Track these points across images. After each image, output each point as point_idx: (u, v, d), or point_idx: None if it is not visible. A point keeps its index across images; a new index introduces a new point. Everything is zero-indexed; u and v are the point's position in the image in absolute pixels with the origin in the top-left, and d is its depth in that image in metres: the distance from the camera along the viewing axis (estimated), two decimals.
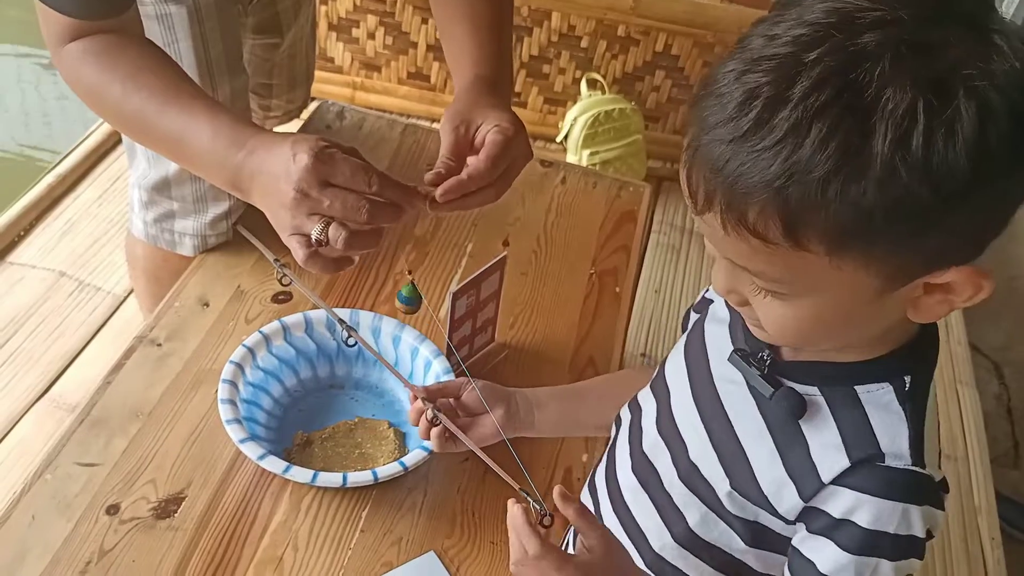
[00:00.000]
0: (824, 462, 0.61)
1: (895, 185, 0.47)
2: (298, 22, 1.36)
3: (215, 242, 1.20)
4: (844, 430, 0.61)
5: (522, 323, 1.19)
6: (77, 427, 0.98)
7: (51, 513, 0.90)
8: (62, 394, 1.68)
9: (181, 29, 1.05)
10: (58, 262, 1.92)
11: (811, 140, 0.48)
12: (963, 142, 0.47)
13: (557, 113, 2.44)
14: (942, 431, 1.66)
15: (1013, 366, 2.24)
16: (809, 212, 0.49)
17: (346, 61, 2.44)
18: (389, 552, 0.92)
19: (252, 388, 1.00)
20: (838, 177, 0.48)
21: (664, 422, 0.72)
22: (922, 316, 0.56)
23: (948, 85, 0.47)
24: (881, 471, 0.59)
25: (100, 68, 0.88)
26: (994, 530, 1.50)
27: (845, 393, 0.61)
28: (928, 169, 0.47)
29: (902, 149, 0.47)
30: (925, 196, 0.48)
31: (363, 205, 0.77)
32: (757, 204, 0.50)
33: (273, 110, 1.50)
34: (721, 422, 0.67)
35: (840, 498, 0.60)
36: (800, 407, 0.61)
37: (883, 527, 0.59)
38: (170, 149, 0.92)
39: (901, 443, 0.59)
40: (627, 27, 2.30)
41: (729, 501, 0.66)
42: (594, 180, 1.46)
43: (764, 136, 0.49)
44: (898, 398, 0.60)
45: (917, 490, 0.59)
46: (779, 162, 0.48)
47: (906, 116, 0.47)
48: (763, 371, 0.63)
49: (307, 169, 0.77)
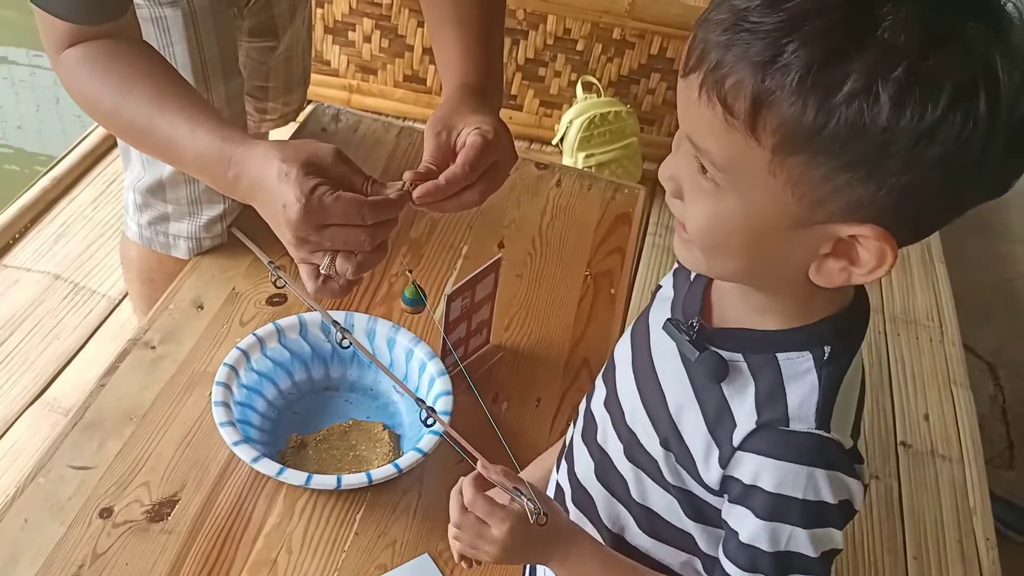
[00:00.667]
0: (739, 428, 0.61)
1: (855, 111, 0.48)
2: (294, 25, 1.36)
3: (210, 245, 1.19)
4: (759, 396, 0.61)
5: (517, 325, 1.19)
6: (70, 430, 0.98)
7: (44, 516, 0.90)
8: (57, 397, 1.68)
9: (176, 32, 1.05)
10: (53, 265, 1.91)
11: (807, 31, 0.48)
12: (933, 106, 0.47)
13: (553, 116, 2.44)
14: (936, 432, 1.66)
15: (1008, 367, 2.25)
16: (775, 100, 0.50)
17: (342, 64, 2.44)
18: (384, 554, 0.92)
19: (246, 390, 1.00)
20: (812, 77, 0.48)
21: (611, 403, 0.73)
22: (823, 279, 0.56)
23: (946, 44, 0.47)
24: (782, 434, 0.59)
25: (95, 74, 0.88)
26: (989, 531, 1.50)
27: (767, 360, 0.61)
28: (896, 111, 0.47)
29: (878, 81, 0.47)
30: (875, 137, 0.48)
31: (364, 238, 0.78)
32: (737, 74, 0.51)
33: (269, 113, 1.50)
34: (655, 390, 0.68)
35: (746, 463, 0.60)
36: (722, 370, 0.62)
37: (789, 492, 0.59)
38: (165, 157, 0.93)
39: (808, 408, 0.59)
40: (622, 30, 2.30)
41: (667, 469, 0.66)
42: (589, 182, 1.46)
43: (771, 14, 0.49)
44: (816, 366, 0.60)
45: (820, 453, 0.59)
46: (769, 41, 0.49)
47: (897, 52, 0.47)
48: (692, 338, 0.64)
49: (299, 219, 0.77)
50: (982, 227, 2.69)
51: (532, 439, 1.04)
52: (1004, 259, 2.63)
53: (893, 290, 1.97)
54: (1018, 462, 2.03)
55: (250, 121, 1.45)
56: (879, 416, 1.69)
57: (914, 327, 1.91)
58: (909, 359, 1.83)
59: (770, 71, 0.49)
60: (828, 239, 0.54)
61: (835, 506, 0.59)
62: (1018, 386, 2.21)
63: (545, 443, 1.03)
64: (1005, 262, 2.62)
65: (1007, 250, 2.67)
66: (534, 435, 1.06)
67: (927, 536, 1.48)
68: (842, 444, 0.60)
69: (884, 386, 1.75)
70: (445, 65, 0.97)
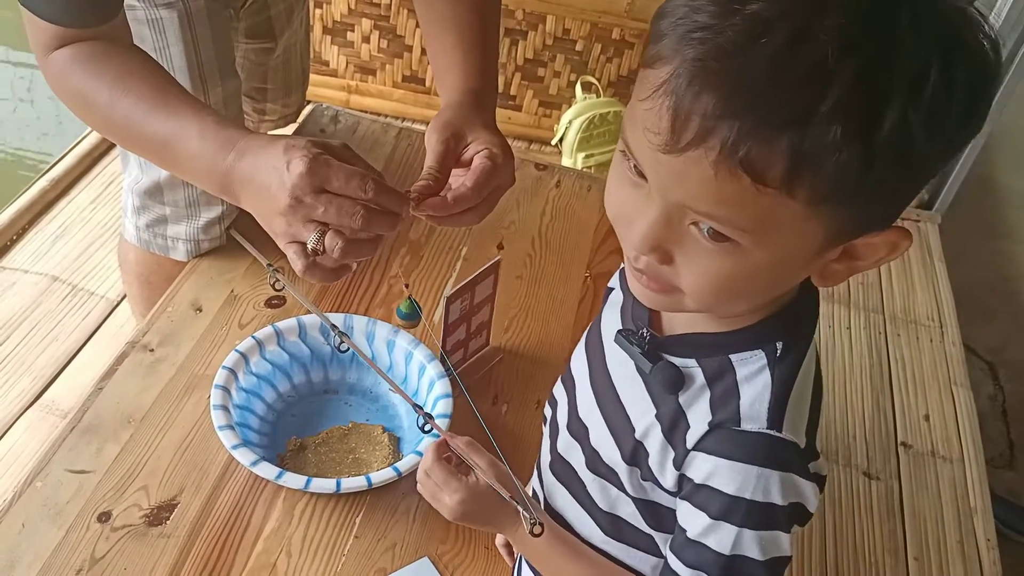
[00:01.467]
0: (692, 429, 0.61)
1: (897, 148, 0.47)
2: (291, 26, 1.36)
3: (208, 247, 1.19)
4: (714, 398, 0.60)
5: (517, 327, 1.19)
6: (68, 434, 0.98)
7: (42, 521, 0.90)
8: (55, 400, 1.67)
9: (172, 34, 1.04)
10: (51, 267, 1.91)
11: (840, 77, 0.45)
12: (955, 114, 0.48)
13: (552, 116, 2.44)
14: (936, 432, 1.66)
15: (1008, 367, 2.24)
16: (818, 156, 0.46)
17: (341, 65, 2.43)
18: (383, 558, 0.91)
19: (245, 393, 1.00)
20: (857, 125, 0.46)
21: (572, 415, 0.72)
22: (828, 281, 0.56)
23: (953, 51, 0.48)
24: (734, 434, 0.59)
25: (86, 75, 0.87)
26: (990, 531, 1.49)
27: (720, 362, 0.60)
28: (928, 138, 0.47)
29: (912, 112, 0.46)
30: (920, 157, 0.48)
31: (358, 211, 0.76)
32: (768, 141, 0.46)
33: (268, 114, 1.50)
34: (615, 404, 0.67)
35: (699, 462, 0.60)
36: (677, 380, 0.61)
37: (738, 492, 0.58)
38: (158, 155, 0.91)
39: (760, 407, 0.58)
40: (622, 30, 2.30)
41: (629, 482, 0.66)
42: (589, 183, 1.46)
43: (791, 66, 0.45)
44: (769, 363, 0.59)
45: (771, 453, 0.58)
46: (801, 97, 0.45)
47: (920, 78, 0.47)
48: (644, 348, 0.63)
49: (302, 175, 0.76)
50: (982, 226, 2.69)
51: (532, 441, 1.04)
52: (1004, 258, 2.62)
53: (893, 290, 1.97)
54: (1019, 462, 2.03)
55: (248, 123, 1.45)
56: (879, 417, 1.68)
57: (914, 327, 1.90)
58: (909, 359, 1.82)
59: (809, 130, 0.46)
60: (840, 249, 0.54)
61: (784, 508, 0.58)
62: (1018, 386, 2.21)
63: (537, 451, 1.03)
64: (1005, 261, 2.61)
65: (1007, 249, 2.66)
66: (534, 437, 1.05)
67: (928, 536, 1.47)
68: (796, 444, 0.59)
69: (884, 387, 1.75)
70: (445, 69, 0.97)
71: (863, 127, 0.46)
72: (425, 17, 1.01)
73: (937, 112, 0.47)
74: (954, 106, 0.48)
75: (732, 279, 0.54)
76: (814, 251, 0.53)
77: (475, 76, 0.94)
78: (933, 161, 0.50)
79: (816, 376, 0.64)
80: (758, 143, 0.47)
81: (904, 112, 0.46)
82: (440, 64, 0.98)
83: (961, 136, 0.50)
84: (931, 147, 0.48)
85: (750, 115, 0.46)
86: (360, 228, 0.76)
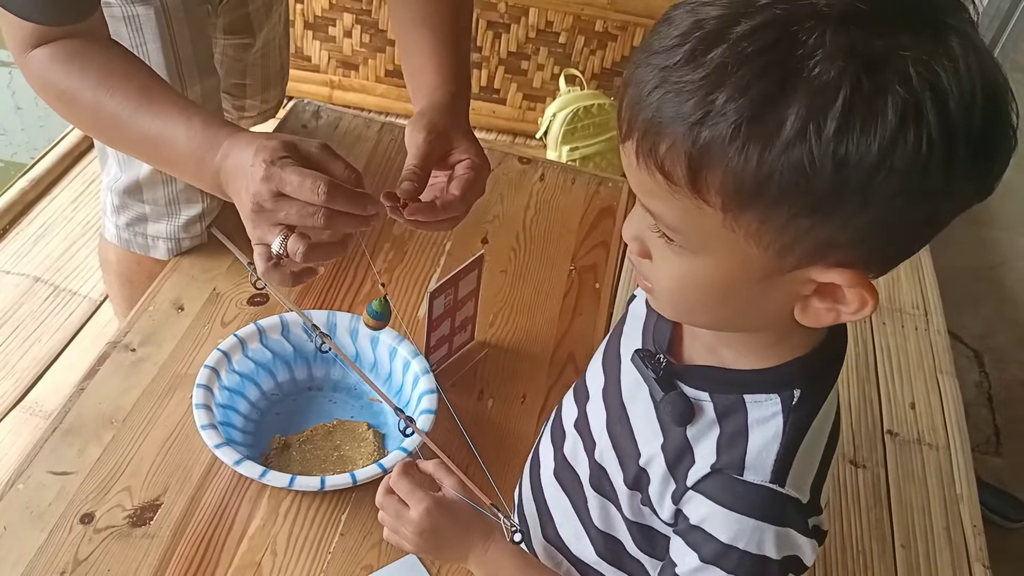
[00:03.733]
0: (696, 466, 0.60)
1: (798, 156, 0.45)
2: (270, 22, 1.34)
3: (189, 245, 1.18)
4: (722, 438, 0.59)
5: (502, 321, 1.18)
6: (50, 435, 0.97)
7: (24, 523, 0.89)
8: (38, 401, 1.66)
9: (149, 31, 1.03)
10: (33, 267, 1.89)
11: (732, 84, 0.45)
12: (879, 135, 0.44)
13: (536, 109, 2.44)
14: (922, 420, 1.67)
15: (993, 354, 2.26)
16: (712, 159, 0.47)
17: (323, 60, 2.42)
18: (369, 555, 0.91)
19: (228, 392, 0.99)
20: (746, 130, 0.45)
21: (581, 425, 0.71)
22: (809, 319, 0.53)
23: (882, 69, 0.44)
24: (734, 483, 0.57)
25: (69, 74, 0.86)
26: (976, 518, 1.51)
27: (734, 401, 0.59)
28: (836, 150, 0.45)
29: (815, 121, 0.44)
30: (826, 178, 0.45)
31: (316, 213, 0.75)
32: (669, 138, 0.48)
33: (247, 110, 1.48)
34: (624, 425, 0.66)
35: (696, 504, 0.59)
36: (687, 413, 0.60)
37: (733, 541, 0.57)
38: (147, 153, 0.91)
39: (767, 458, 0.57)
40: (604, 22, 2.30)
41: (628, 505, 0.65)
42: (573, 176, 1.45)
43: (692, 70, 0.47)
44: (783, 411, 0.58)
45: (770, 508, 0.57)
46: (696, 100, 0.46)
47: (829, 88, 0.44)
48: (658, 374, 0.62)
49: (258, 181, 0.76)
50: (967, 214, 2.69)
51: (517, 436, 1.04)
52: (989, 246, 2.64)
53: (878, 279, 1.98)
54: (1004, 448, 2.04)
55: (228, 119, 1.44)
56: (865, 406, 1.69)
57: (900, 315, 1.91)
58: (895, 348, 1.83)
59: (702, 130, 0.46)
60: (806, 282, 0.52)
61: (777, 562, 0.57)
62: (1004, 373, 2.22)
63: (531, 440, 1.02)
64: (990, 249, 2.63)
65: (992, 237, 2.68)
66: (520, 432, 1.05)
67: (914, 524, 1.48)
68: (798, 500, 0.57)
69: (870, 375, 1.76)
70: (420, 69, 0.97)
71: (759, 134, 0.45)
72: (397, 13, 1.01)
73: (855, 129, 0.44)
74: (884, 126, 0.44)
75: (684, 285, 0.54)
76: (761, 271, 0.51)
77: (451, 79, 0.95)
78: (866, 189, 0.46)
79: (834, 425, 0.61)
80: (663, 139, 0.48)
81: (806, 124, 0.44)
82: (415, 63, 0.98)
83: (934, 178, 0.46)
84: (853, 170, 0.45)
85: (662, 109, 0.48)
86: (323, 228, 0.76)
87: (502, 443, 1.03)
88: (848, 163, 0.45)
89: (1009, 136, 0.48)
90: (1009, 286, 2.49)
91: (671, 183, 0.49)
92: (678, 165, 0.48)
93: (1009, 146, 0.48)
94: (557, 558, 0.73)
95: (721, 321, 0.58)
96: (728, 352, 0.60)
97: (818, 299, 0.53)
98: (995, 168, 0.49)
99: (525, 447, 1.00)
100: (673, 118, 0.47)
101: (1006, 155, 0.48)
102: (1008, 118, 0.47)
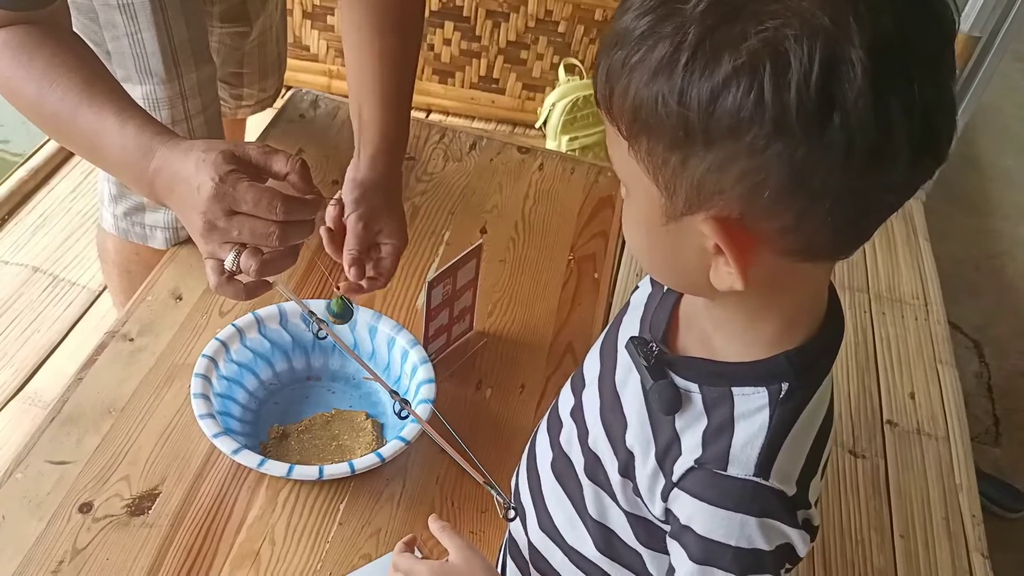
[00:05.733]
0: (681, 459, 0.59)
1: (657, 87, 0.48)
2: (266, 10, 1.34)
3: (187, 234, 1.17)
4: (708, 430, 0.58)
5: (501, 311, 1.18)
6: (48, 425, 0.97)
7: (22, 512, 0.89)
8: (37, 391, 1.66)
9: (144, 18, 1.03)
10: (32, 257, 1.89)
11: (637, 16, 0.49)
12: (720, 77, 0.46)
13: (535, 99, 2.43)
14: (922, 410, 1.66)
15: (993, 344, 2.25)
16: (613, 83, 0.50)
17: (321, 49, 2.41)
18: (368, 544, 0.91)
19: (226, 382, 0.99)
20: (632, 58, 0.49)
21: (577, 413, 0.71)
22: (717, 281, 0.53)
23: (741, 18, 0.46)
24: (716, 478, 0.57)
25: (16, 64, 0.84)
26: (975, 508, 1.50)
27: (722, 393, 0.58)
28: (683, 82, 0.47)
29: (673, 55, 0.47)
30: (677, 109, 0.47)
31: (273, 231, 0.75)
32: (604, 65, 0.51)
33: (245, 99, 1.48)
34: (617, 416, 0.66)
35: (682, 502, 0.58)
36: (675, 402, 0.60)
37: (721, 538, 0.56)
38: (87, 154, 0.89)
39: (751, 452, 0.56)
40: (604, 11, 2.29)
41: (623, 495, 0.65)
42: (572, 166, 1.45)
43: (632, 1, 0.50)
44: (770, 405, 0.57)
45: (754, 501, 0.56)
46: (620, 23, 0.50)
47: (690, 25, 0.46)
48: (650, 362, 0.61)
49: (210, 200, 0.75)
50: (966, 204, 2.69)
51: (515, 426, 1.04)
52: (989, 235, 2.63)
53: (878, 268, 1.97)
54: (1004, 439, 2.04)
55: (225, 108, 1.43)
56: (865, 396, 1.69)
57: (899, 305, 1.91)
58: (895, 338, 1.83)
59: (612, 53, 0.50)
60: (701, 235, 0.51)
61: (770, 552, 0.57)
62: (1003, 363, 2.22)
63: (529, 429, 1.02)
64: (990, 238, 2.62)
65: (992, 226, 2.67)
66: (519, 421, 1.05)
67: (914, 514, 1.48)
68: (782, 492, 0.56)
69: (870, 365, 1.75)
70: (363, 100, 1.02)
71: (639, 61, 0.48)
72: (350, 38, 1.04)
73: (697, 68, 0.46)
74: (718, 71, 0.46)
75: (627, 228, 0.58)
76: (661, 211, 0.52)
77: (392, 126, 1.02)
78: (706, 127, 0.47)
79: (826, 419, 0.61)
80: (598, 68, 0.52)
81: (664, 56, 0.47)
82: (358, 93, 1.02)
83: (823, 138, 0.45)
84: (691, 107, 0.46)
85: (604, 48, 0.51)
86: (278, 245, 0.77)
87: (500, 432, 1.02)
88: (687, 100, 0.47)
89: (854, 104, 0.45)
90: (1009, 276, 2.49)
91: (601, 110, 0.53)
92: (602, 89, 0.52)
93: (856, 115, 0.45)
94: (551, 549, 0.73)
95: (663, 271, 0.60)
96: (718, 341, 0.60)
97: (723, 261, 0.52)
98: (845, 138, 0.46)
99: (523, 436, 1.00)
100: (604, 44, 0.51)
101: (858, 124, 0.46)
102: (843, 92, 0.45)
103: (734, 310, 0.58)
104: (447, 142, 1.45)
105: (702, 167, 0.49)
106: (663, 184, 0.51)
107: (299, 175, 0.78)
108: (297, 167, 0.77)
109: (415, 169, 1.38)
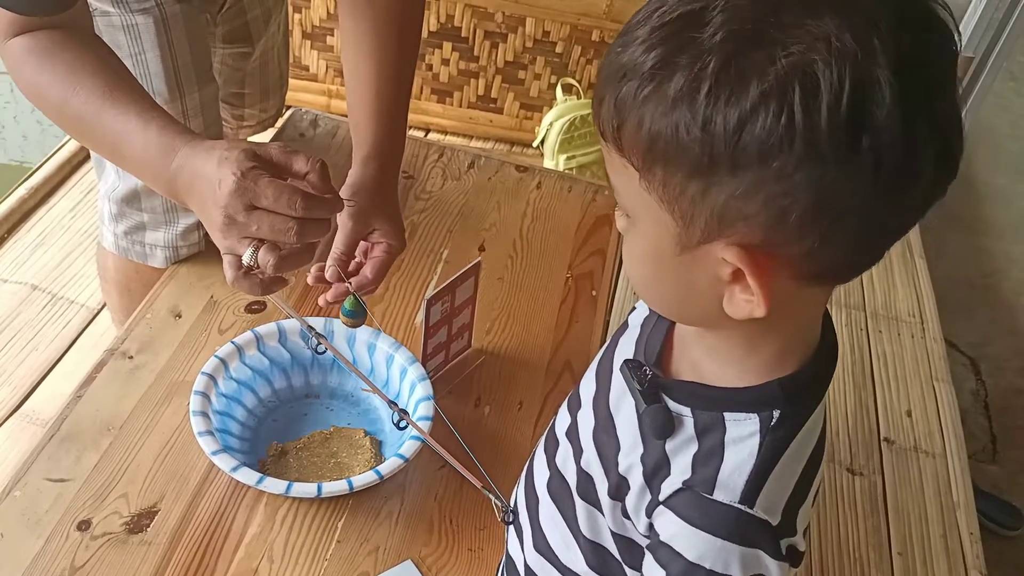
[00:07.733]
0: (670, 479, 0.59)
1: (677, 116, 0.47)
2: (268, 31, 1.35)
3: (187, 253, 1.18)
4: (698, 454, 0.58)
5: (499, 329, 1.19)
6: (47, 442, 0.97)
7: (21, 530, 0.89)
8: (35, 409, 1.66)
9: (148, 39, 1.04)
10: (31, 275, 1.89)
11: (646, 45, 0.48)
12: (748, 104, 0.45)
13: (533, 118, 2.45)
14: (919, 427, 1.67)
15: (989, 362, 2.26)
16: (625, 114, 0.49)
17: (321, 69, 2.43)
18: (366, 562, 0.91)
19: (225, 399, 0.99)
20: (646, 88, 0.48)
21: (572, 433, 0.71)
22: (733, 309, 0.53)
23: (766, 43, 0.45)
24: (702, 501, 0.57)
25: (40, 68, 0.86)
26: (973, 525, 1.51)
27: (714, 419, 0.59)
28: (707, 110, 0.46)
29: (693, 84, 0.47)
30: (700, 137, 0.47)
31: (292, 227, 0.76)
32: (607, 98, 0.50)
33: (247, 119, 1.49)
34: (609, 434, 0.66)
35: (666, 520, 0.59)
36: (668, 427, 0.60)
37: (699, 560, 0.56)
38: (110, 155, 0.91)
39: (738, 479, 0.56)
40: (601, 32, 2.31)
41: (612, 516, 0.65)
42: (569, 184, 1.46)
43: (636, 34, 0.50)
44: (760, 431, 0.57)
45: (736, 528, 0.56)
46: (624, 60, 0.49)
47: (709, 53, 0.46)
48: (644, 386, 0.61)
49: (231, 194, 0.76)
50: (961, 223, 2.71)
51: (514, 443, 1.04)
52: (984, 254, 2.65)
53: (874, 287, 1.98)
54: (1001, 456, 2.04)
55: (227, 128, 1.44)
56: (862, 413, 1.69)
57: (896, 323, 1.92)
58: (891, 356, 1.84)
59: (621, 85, 0.49)
60: (720, 262, 0.51)
61: None
62: (1000, 380, 2.23)
63: (527, 447, 1.03)
64: (985, 257, 2.64)
65: (987, 245, 2.69)
66: (517, 438, 1.05)
67: (911, 531, 1.48)
68: (767, 522, 0.56)
69: (867, 383, 1.76)
70: (358, 107, 1.03)
71: (656, 91, 0.48)
72: (349, 48, 1.04)
73: (721, 94, 0.46)
74: (745, 97, 0.46)
75: (631, 259, 0.57)
76: (676, 241, 0.52)
77: (387, 137, 1.02)
78: (732, 155, 0.46)
79: (817, 445, 0.61)
80: (602, 98, 0.51)
81: (684, 84, 0.47)
82: (354, 98, 1.03)
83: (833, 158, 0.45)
84: (716, 134, 0.46)
85: (602, 71, 0.51)
86: (295, 242, 0.77)
87: (498, 450, 1.03)
88: (712, 128, 0.47)
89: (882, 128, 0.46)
90: (1004, 295, 2.50)
91: (607, 143, 0.52)
92: (608, 124, 0.51)
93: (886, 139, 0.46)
94: (547, 568, 0.73)
95: (669, 304, 0.59)
96: (711, 367, 0.60)
97: (739, 288, 0.52)
98: (874, 158, 0.47)
99: (521, 454, 1.00)
100: (611, 76, 0.50)
101: (889, 145, 0.46)
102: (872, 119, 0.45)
103: (733, 337, 0.58)
104: (446, 161, 1.46)
105: (725, 194, 0.48)
106: (679, 213, 0.51)
107: (318, 175, 0.79)
108: (317, 167, 0.78)
109: (414, 187, 1.39)
